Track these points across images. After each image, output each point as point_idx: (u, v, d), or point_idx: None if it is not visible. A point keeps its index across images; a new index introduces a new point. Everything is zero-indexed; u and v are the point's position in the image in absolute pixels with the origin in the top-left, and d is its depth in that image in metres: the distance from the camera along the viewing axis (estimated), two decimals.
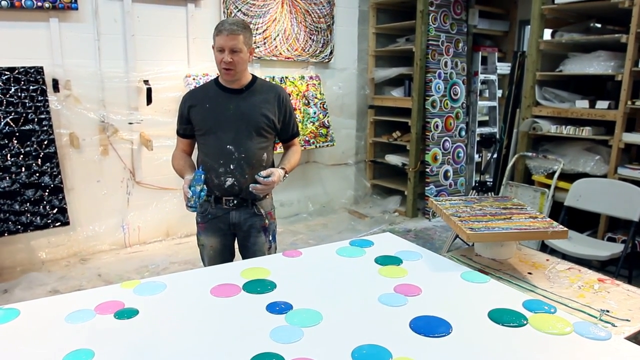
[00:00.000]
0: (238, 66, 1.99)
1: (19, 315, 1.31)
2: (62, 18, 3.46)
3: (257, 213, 2.14)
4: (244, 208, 2.12)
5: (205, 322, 1.28)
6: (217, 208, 2.12)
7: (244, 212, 2.13)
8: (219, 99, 2.07)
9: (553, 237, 1.74)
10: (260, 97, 2.08)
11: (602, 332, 1.25)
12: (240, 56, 1.97)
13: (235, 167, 2.05)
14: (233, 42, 1.94)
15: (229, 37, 1.94)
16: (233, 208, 2.11)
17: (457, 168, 5.10)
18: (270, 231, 2.20)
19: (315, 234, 4.40)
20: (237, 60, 1.97)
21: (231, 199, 2.10)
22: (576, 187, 3.16)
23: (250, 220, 2.13)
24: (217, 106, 2.06)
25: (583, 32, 3.71)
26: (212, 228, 2.16)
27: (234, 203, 2.10)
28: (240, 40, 1.95)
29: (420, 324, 1.27)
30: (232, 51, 1.96)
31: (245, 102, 2.06)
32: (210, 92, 2.11)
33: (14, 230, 3.30)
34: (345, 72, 5.04)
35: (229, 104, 2.06)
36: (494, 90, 5.31)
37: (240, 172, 2.06)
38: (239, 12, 4.17)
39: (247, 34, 1.99)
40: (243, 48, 1.97)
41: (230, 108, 2.05)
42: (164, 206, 4.12)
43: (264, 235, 2.18)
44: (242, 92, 2.07)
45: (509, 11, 5.35)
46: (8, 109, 3.26)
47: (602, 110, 3.42)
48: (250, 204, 2.13)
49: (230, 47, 1.95)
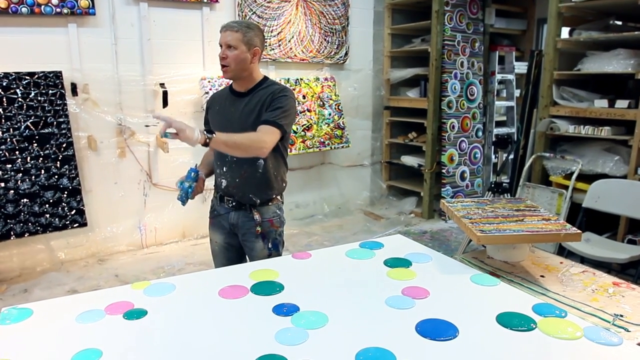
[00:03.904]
0: (233, 63, 1.95)
1: (32, 314, 1.34)
2: (80, 23, 3.53)
3: (253, 218, 2.08)
4: (242, 211, 2.10)
5: (212, 324, 1.29)
6: (220, 206, 2.16)
7: (242, 215, 2.10)
8: (226, 102, 2.09)
9: (566, 239, 1.71)
10: (259, 99, 2.01)
11: (614, 338, 1.22)
12: (235, 53, 1.94)
13: (228, 170, 2.07)
14: (228, 38, 1.95)
15: (226, 32, 1.96)
16: (232, 209, 2.11)
17: (474, 169, 5.04)
18: (269, 239, 2.12)
19: (331, 235, 4.39)
20: (232, 57, 1.94)
21: (230, 200, 2.11)
22: (595, 188, 3.10)
23: (247, 224, 2.10)
24: (223, 109, 2.09)
25: (602, 30, 3.63)
26: (217, 224, 2.20)
27: (233, 204, 2.11)
28: (236, 37, 1.94)
29: (426, 327, 1.26)
30: (227, 47, 1.95)
31: (246, 106, 2.03)
32: (224, 94, 2.14)
33: (34, 231, 3.38)
34: (360, 73, 5.04)
35: (232, 107, 2.06)
36: (511, 90, 5.24)
37: (231, 174, 2.06)
38: (253, 14, 4.20)
39: (248, 33, 1.96)
40: (239, 45, 1.94)
41: (232, 111, 2.05)
42: (180, 208, 4.12)
43: (262, 242, 2.11)
44: (246, 96, 2.05)
45: (527, 9, 5.27)
46: (28, 112, 3.33)
47: (621, 110, 3.35)
48: (248, 208, 2.08)
49: (225, 43, 1.95)
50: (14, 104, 3.29)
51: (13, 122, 3.28)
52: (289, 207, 4.65)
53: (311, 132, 4.49)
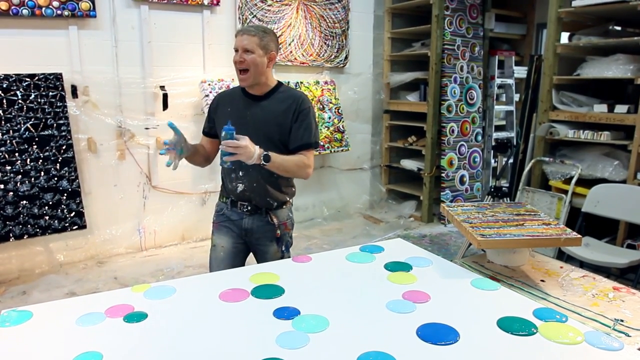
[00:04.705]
0: (251, 68, 1.96)
1: (32, 317, 1.34)
2: (81, 26, 3.53)
3: (270, 222, 2.11)
4: (257, 215, 2.10)
5: (212, 327, 1.29)
6: (232, 211, 2.13)
7: (257, 219, 2.10)
8: (240, 104, 2.07)
9: (566, 244, 1.71)
10: (279, 105, 2.03)
11: (615, 343, 1.22)
12: (252, 57, 1.95)
13: (245, 174, 2.05)
14: (245, 42, 1.95)
15: (243, 36, 1.96)
16: (247, 214, 2.10)
17: (473, 173, 5.05)
18: (283, 242, 2.16)
19: (330, 239, 4.39)
20: (249, 61, 1.95)
21: (245, 205, 2.09)
22: (594, 192, 3.11)
23: (263, 228, 2.11)
24: (237, 111, 2.06)
25: (601, 35, 3.65)
26: (225, 229, 2.16)
27: (248, 209, 2.09)
28: (253, 41, 1.95)
29: (427, 331, 1.25)
30: (244, 51, 1.95)
31: (263, 111, 2.03)
32: (235, 96, 2.12)
33: (33, 233, 3.37)
34: (360, 77, 5.04)
35: (247, 110, 2.05)
36: (511, 94, 5.25)
37: (249, 179, 2.05)
38: (254, 17, 4.21)
39: (265, 38, 1.97)
40: (256, 49, 1.95)
41: (248, 115, 2.04)
42: (180, 210, 4.17)
43: (277, 245, 2.14)
44: (263, 100, 2.05)
45: (526, 14, 5.29)
46: (28, 114, 3.33)
47: (621, 115, 3.36)
48: (265, 212, 2.10)
49: (242, 47, 1.95)
50: (14, 106, 3.29)
51: (13, 123, 3.28)
52: None
53: None
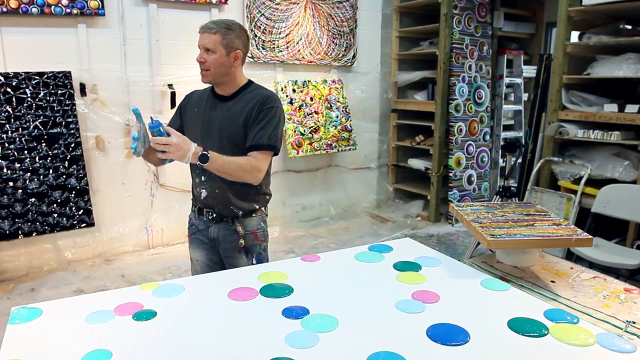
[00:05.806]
0: (211, 68, 1.83)
1: (42, 314, 1.34)
2: (89, 24, 3.54)
3: (236, 230, 1.96)
4: (223, 224, 1.97)
5: (221, 326, 1.29)
6: (199, 220, 2.02)
7: (223, 227, 1.97)
8: (207, 106, 1.94)
9: (577, 244, 1.70)
10: (245, 106, 1.88)
11: (627, 345, 1.20)
12: (214, 57, 1.82)
13: (207, 179, 1.93)
14: (206, 41, 1.82)
15: (203, 35, 1.84)
16: (212, 222, 1.98)
17: (481, 173, 5.03)
18: (253, 253, 2.00)
19: (337, 238, 4.39)
20: (210, 62, 1.82)
21: (210, 212, 1.97)
22: (604, 193, 3.08)
23: (229, 237, 1.97)
24: (203, 113, 1.94)
25: (612, 34, 3.61)
26: (196, 241, 2.06)
27: (213, 217, 1.97)
28: (214, 40, 1.81)
29: (437, 331, 1.25)
30: (205, 50, 1.83)
31: (229, 112, 1.89)
32: (204, 96, 1.98)
33: (42, 231, 3.39)
34: (368, 75, 5.03)
35: (213, 111, 1.92)
36: (519, 93, 5.22)
37: (211, 184, 1.93)
38: (262, 16, 4.20)
39: (228, 35, 1.83)
40: (218, 48, 1.81)
41: (213, 116, 1.91)
42: (187, 208, 4.11)
43: (245, 256, 1.99)
44: (229, 100, 1.91)
45: (535, 13, 5.26)
46: (37, 112, 3.35)
47: (631, 114, 3.33)
48: (231, 220, 1.96)
49: (203, 45, 1.83)
50: (23, 104, 3.30)
51: (22, 121, 3.30)
52: (295, 209, 4.66)
53: (318, 134, 4.49)
